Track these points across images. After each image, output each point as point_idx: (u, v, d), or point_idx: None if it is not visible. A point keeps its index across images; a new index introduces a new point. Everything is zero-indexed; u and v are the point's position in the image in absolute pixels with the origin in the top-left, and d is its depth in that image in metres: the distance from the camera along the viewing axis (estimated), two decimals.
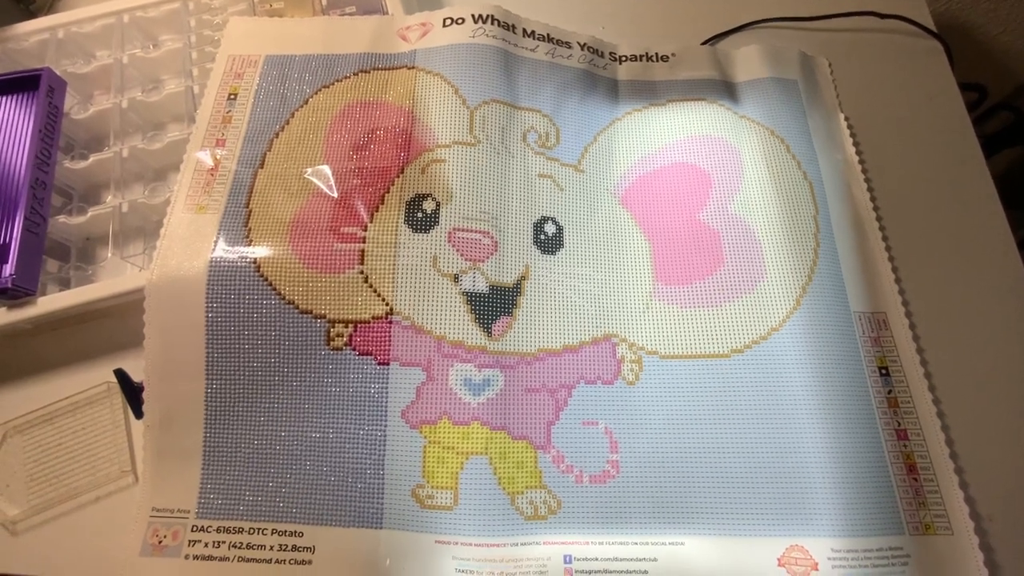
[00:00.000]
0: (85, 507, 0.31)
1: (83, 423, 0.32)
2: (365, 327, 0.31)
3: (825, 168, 0.36)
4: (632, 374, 0.31)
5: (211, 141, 0.35)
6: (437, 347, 0.30)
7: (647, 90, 0.39)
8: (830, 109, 0.39)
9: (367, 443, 0.29)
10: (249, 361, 0.30)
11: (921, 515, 0.29)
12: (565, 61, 0.38)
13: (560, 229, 0.34)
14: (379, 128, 0.34)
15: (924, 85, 0.40)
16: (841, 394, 0.30)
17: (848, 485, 0.28)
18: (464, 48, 0.36)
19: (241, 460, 0.29)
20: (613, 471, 0.29)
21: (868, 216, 0.35)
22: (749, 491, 0.29)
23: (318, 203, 0.33)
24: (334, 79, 0.36)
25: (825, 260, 0.33)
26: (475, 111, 0.35)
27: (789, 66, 0.39)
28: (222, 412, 0.30)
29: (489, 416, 0.30)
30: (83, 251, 0.36)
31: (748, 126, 0.37)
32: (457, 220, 0.32)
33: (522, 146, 0.35)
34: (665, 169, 0.36)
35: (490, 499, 0.28)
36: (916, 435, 0.30)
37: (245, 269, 0.31)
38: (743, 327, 0.32)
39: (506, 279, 0.32)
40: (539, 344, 0.31)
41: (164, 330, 0.30)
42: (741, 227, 0.34)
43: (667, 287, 0.33)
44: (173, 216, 0.32)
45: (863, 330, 0.32)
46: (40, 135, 0.35)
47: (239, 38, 0.38)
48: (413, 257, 0.31)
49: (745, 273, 0.33)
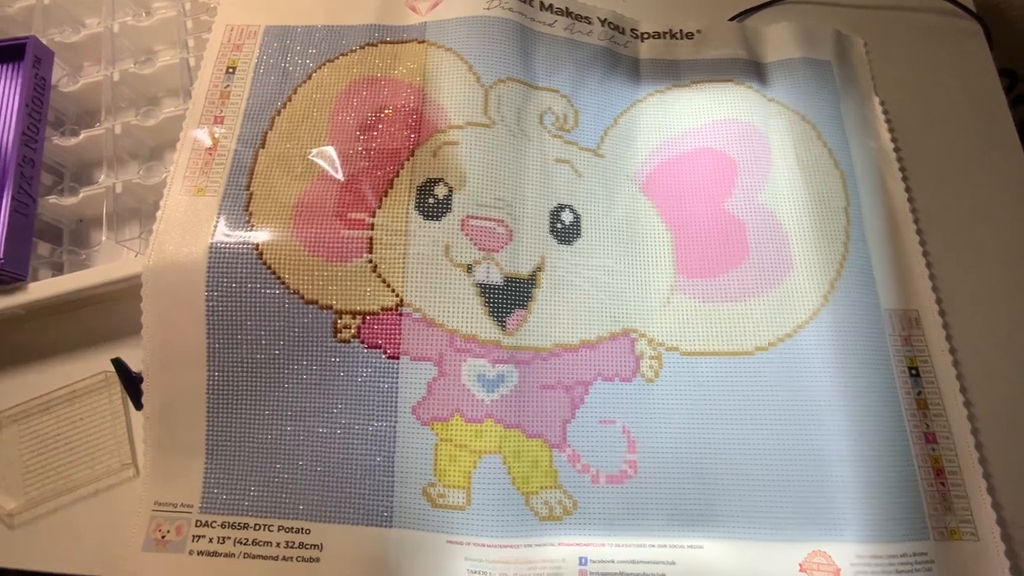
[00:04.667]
0: (84, 500, 0.30)
1: (81, 413, 0.31)
2: (374, 319, 0.29)
3: (857, 156, 0.34)
4: (651, 371, 0.30)
5: (209, 118, 0.33)
6: (449, 341, 0.29)
7: (670, 70, 0.36)
8: (864, 93, 0.37)
9: (376, 439, 0.28)
10: (252, 352, 0.29)
11: (947, 520, 0.28)
12: (584, 38, 0.36)
13: (578, 217, 0.32)
14: (387, 106, 0.32)
15: (961, 69, 0.38)
16: (869, 395, 0.29)
17: (874, 489, 0.27)
18: (478, 21, 0.34)
19: (246, 454, 0.28)
20: (631, 471, 0.29)
21: (902, 208, 0.34)
22: (771, 494, 0.28)
23: (323, 187, 0.31)
24: (339, 53, 0.34)
25: (855, 254, 0.31)
26: (490, 90, 0.33)
27: (823, 46, 0.37)
28: (225, 404, 0.29)
29: (503, 414, 0.28)
30: (76, 233, 0.34)
31: (777, 110, 0.35)
32: (471, 207, 0.30)
33: (539, 129, 0.33)
34: (689, 155, 0.34)
35: (504, 499, 0.28)
36: (945, 438, 0.29)
37: (247, 256, 0.29)
38: (768, 324, 0.30)
39: (521, 270, 0.30)
40: (555, 339, 0.30)
41: (163, 319, 0.29)
42: (768, 218, 0.32)
43: (689, 280, 0.32)
44: (170, 198, 0.31)
45: (893, 328, 0.31)
46: (27, 109, 0.33)
47: (237, 7, 0.36)
48: (424, 246, 0.30)
49: (771, 267, 0.31)
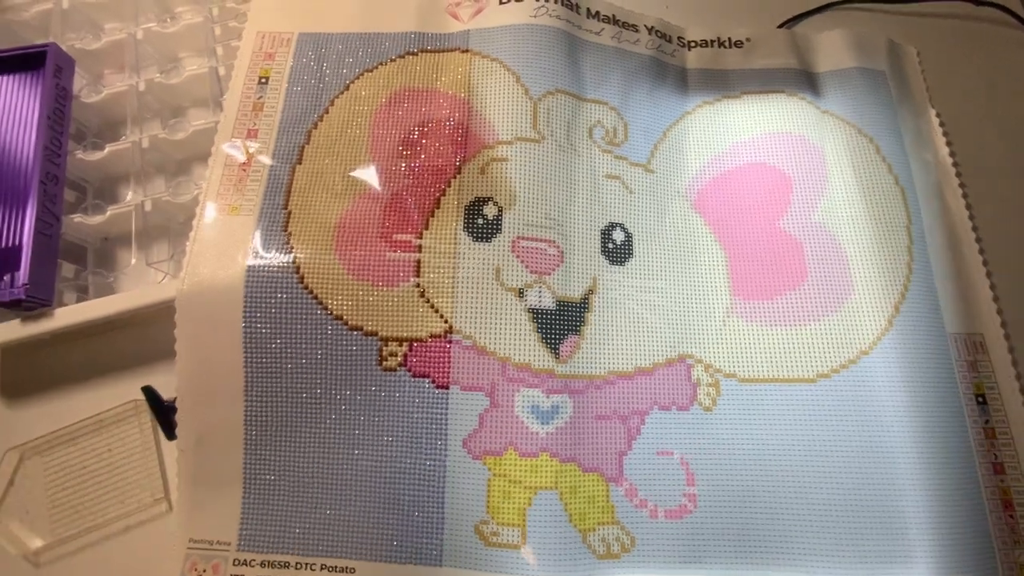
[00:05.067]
0: (114, 537, 0.28)
1: (109, 444, 0.29)
2: (421, 346, 0.28)
3: (917, 171, 0.33)
4: (709, 399, 0.29)
5: (241, 132, 0.31)
6: (501, 370, 0.28)
7: (719, 80, 0.35)
8: (920, 104, 0.35)
9: (425, 474, 0.27)
10: (293, 381, 0.27)
11: (1016, 555, 0.27)
12: (632, 47, 0.34)
13: (629, 236, 0.31)
14: (431, 120, 0.31)
15: (1014, 79, 0.37)
16: (936, 425, 0.28)
17: (942, 523, 0.26)
18: (525, 29, 0.32)
19: (286, 488, 0.27)
20: (690, 505, 0.27)
21: (963, 226, 0.32)
22: (836, 529, 0.27)
23: (366, 206, 0.29)
24: (377, 62, 0.32)
25: (919, 275, 0.30)
26: (539, 102, 0.31)
27: (876, 55, 0.35)
28: (264, 436, 0.27)
29: (558, 447, 0.27)
30: (101, 253, 0.33)
31: (832, 122, 0.33)
32: (521, 227, 0.29)
33: (588, 143, 0.31)
34: (741, 169, 0.33)
35: (560, 537, 0.26)
36: (1013, 469, 0.28)
37: (287, 279, 0.27)
38: (830, 349, 0.29)
39: (573, 293, 0.29)
40: (609, 366, 0.29)
41: (197, 346, 0.27)
42: (826, 237, 0.31)
43: (746, 302, 0.30)
44: (203, 218, 0.29)
45: (959, 353, 0.29)
46: (48, 121, 0.31)
47: (268, 12, 0.34)
48: (474, 269, 0.28)
49: (831, 289, 0.30)
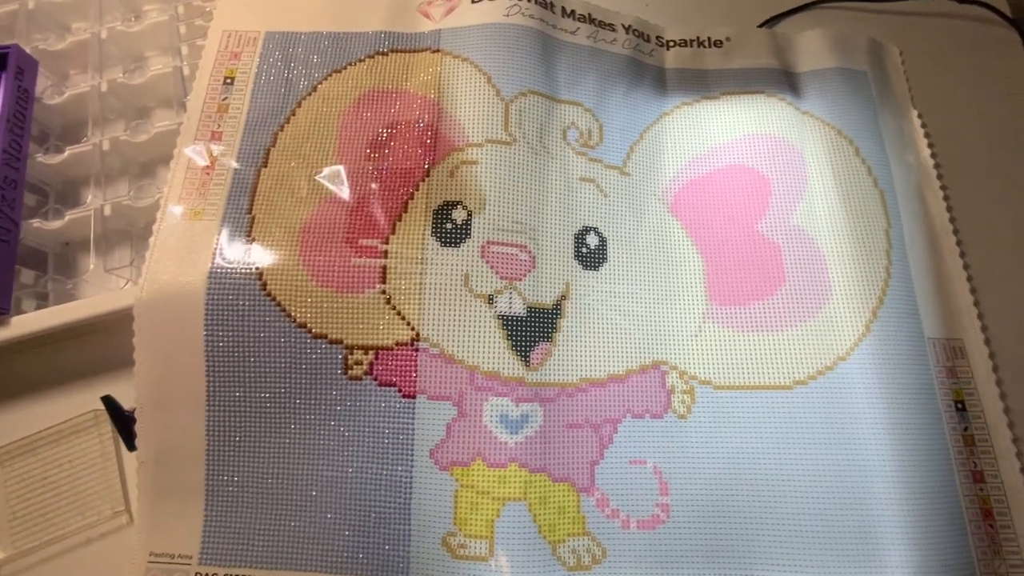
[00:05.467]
0: (75, 550, 0.27)
1: (69, 455, 0.29)
2: (388, 354, 0.27)
3: (897, 174, 0.32)
4: (683, 407, 0.28)
5: (205, 134, 0.30)
6: (469, 379, 0.27)
7: (698, 80, 0.34)
8: (902, 105, 0.35)
9: (391, 485, 0.26)
10: (256, 390, 0.27)
11: (996, 564, 0.26)
12: (608, 46, 0.33)
13: (604, 241, 0.30)
14: (400, 122, 0.30)
15: (998, 78, 0.36)
16: (914, 432, 0.27)
17: (920, 532, 0.26)
18: (497, 29, 0.31)
19: (249, 500, 0.26)
20: (663, 515, 0.27)
21: (944, 229, 0.32)
22: (813, 537, 0.26)
23: (331, 210, 0.28)
24: (346, 62, 0.32)
25: (898, 280, 0.30)
26: (511, 104, 0.30)
27: (857, 55, 0.35)
28: (226, 446, 0.26)
29: (528, 457, 0.26)
30: (61, 258, 0.32)
31: (812, 124, 0.33)
32: (491, 232, 0.28)
33: (562, 145, 0.31)
34: (719, 172, 0.32)
35: (529, 549, 0.26)
36: (993, 477, 0.28)
37: (249, 287, 0.27)
38: (807, 355, 0.29)
39: (545, 299, 0.28)
40: (581, 373, 0.28)
41: (157, 355, 0.26)
42: (804, 240, 0.30)
43: (722, 308, 0.30)
44: (164, 223, 0.28)
45: (938, 359, 0.29)
46: (8, 125, 0.30)
47: (234, 10, 0.33)
48: (442, 275, 0.28)
49: (809, 293, 0.30)
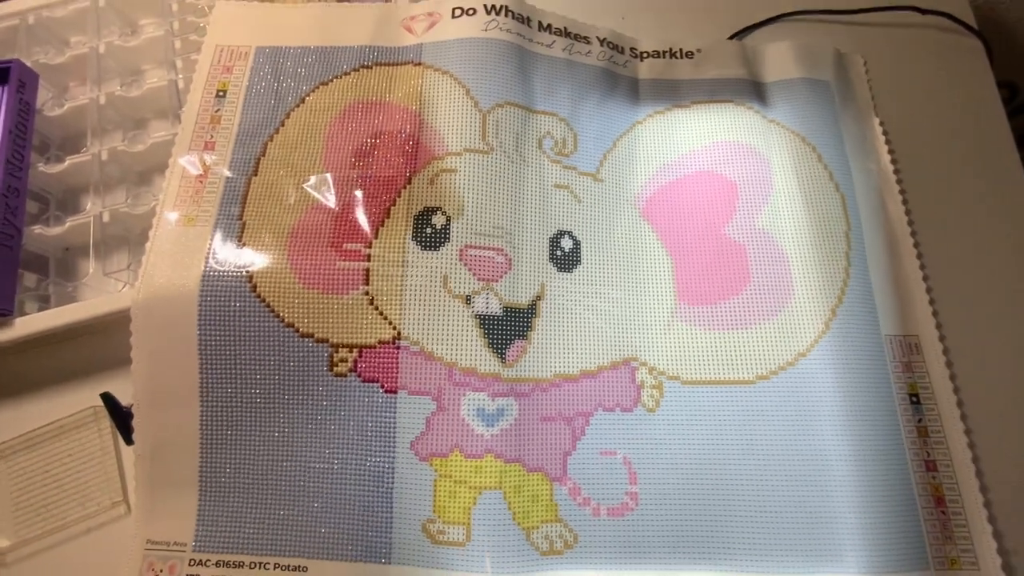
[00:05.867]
0: (76, 539, 0.29)
1: (70, 449, 0.30)
2: (371, 352, 0.29)
3: (858, 179, 0.34)
4: (652, 401, 0.30)
5: (199, 144, 0.32)
6: (448, 375, 0.28)
7: (670, 90, 0.36)
8: (864, 112, 0.36)
9: (374, 475, 0.28)
10: (247, 387, 0.28)
11: (947, 549, 0.28)
12: (583, 58, 0.35)
13: (577, 244, 0.32)
14: (383, 132, 0.32)
15: (962, 87, 0.38)
16: (870, 424, 0.29)
17: (874, 519, 0.27)
18: (476, 43, 0.33)
19: (240, 491, 0.28)
20: (632, 503, 0.28)
21: (902, 231, 0.33)
22: (772, 525, 0.28)
23: (318, 216, 0.30)
24: (333, 75, 0.33)
25: (856, 280, 0.31)
26: (488, 115, 0.32)
27: (822, 65, 0.36)
28: (218, 440, 0.28)
29: (503, 448, 0.28)
30: (63, 263, 0.33)
31: (778, 132, 0.34)
32: (469, 236, 0.30)
33: (537, 154, 0.32)
34: (689, 178, 0.34)
35: (504, 534, 0.27)
36: (946, 466, 0.29)
37: (240, 289, 0.28)
38: (769, 351, 0.30)
39: (521, 300, 0.30)
40: (555, 369, 0.30)
41: (153, 354, 0.28)
42: (769, 243, 0.32)
43: (690, 307, 0.31)
44: (159, 229, 0.30)
45: (894, 355, 0.30)
46: (11, 136, 0.32)
47: (227, 26, 0.35)
48: (422, 277, 0.29)
49: (772, 293, 0.31)
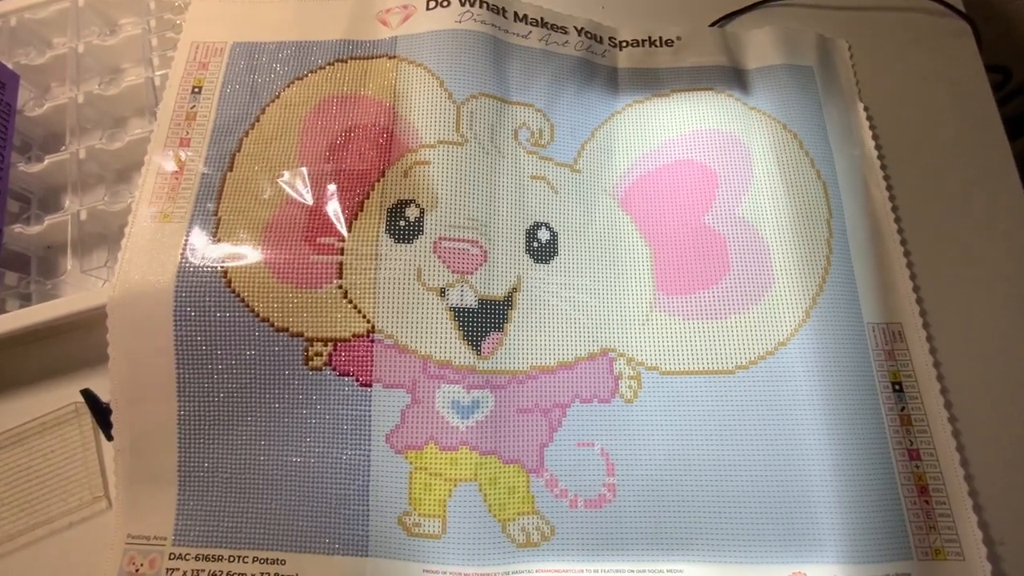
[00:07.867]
0: (58, 534, 0.29)
1: (52, 445, 0.30)
2: (345, 346, 0.29)
3: (840, 165, 0.33)
4: (630, 391, 0.30)
5: (174, 141, 0.32)
6: (423, 367, 0.28)
7: (650, 79, 0.36)
8: (848, 98, 0.36)
9: (350, 468, 0.28)
10: (223, 382, 0.28)
11: (931, 539, 0.27)
12: (560, 48, 0.35)
13: (554, 235, 0.31)
14: (357, 126, 0.32)
15: (949, 71, 0.37)
16: (851, 413, 0.28)
17: (856, 509, 0.27)
18: (449, 35, 0.33)
19: (219, 485, 0.28)
20: (609, 495, 0.28)
21: (886, 218, 0.33)
22: (752, 516, 0.27)
23: (292, 211, 0.30)
24: (308, 70, 0.33)
25: (838, 268, 0.31)
26: (462, 106, 0.32)
27: (805, 51, 0.36)
28: (197, 435, 0.28)
29: (478, 440, 0.28)
30: (44, 261, 0.34)
31: (759, 119, 0.34)
32: (443, 228, 0.30)
33: (513, 145, 0.32)
34: (668, 167, 0.33)
35: (480, 526, 0.27)
36: (929, 455, 0.29)
37: (215, 284, 0.28)
38: (749, 341, 0.30)
39: (496, 292, 0.30)
40: (532, 361, 0.29)
41: (130, 350, 0.28)
42: (749, 231, 0.32)
43: (669, 297, 0.31)
44: (135, 225, 0.30)
45: (877, 342, 0.30)
46: None
47: (203, 22, 0.35)
48: (395, 270, 0.29)
49: (752, 282, 0.31)
